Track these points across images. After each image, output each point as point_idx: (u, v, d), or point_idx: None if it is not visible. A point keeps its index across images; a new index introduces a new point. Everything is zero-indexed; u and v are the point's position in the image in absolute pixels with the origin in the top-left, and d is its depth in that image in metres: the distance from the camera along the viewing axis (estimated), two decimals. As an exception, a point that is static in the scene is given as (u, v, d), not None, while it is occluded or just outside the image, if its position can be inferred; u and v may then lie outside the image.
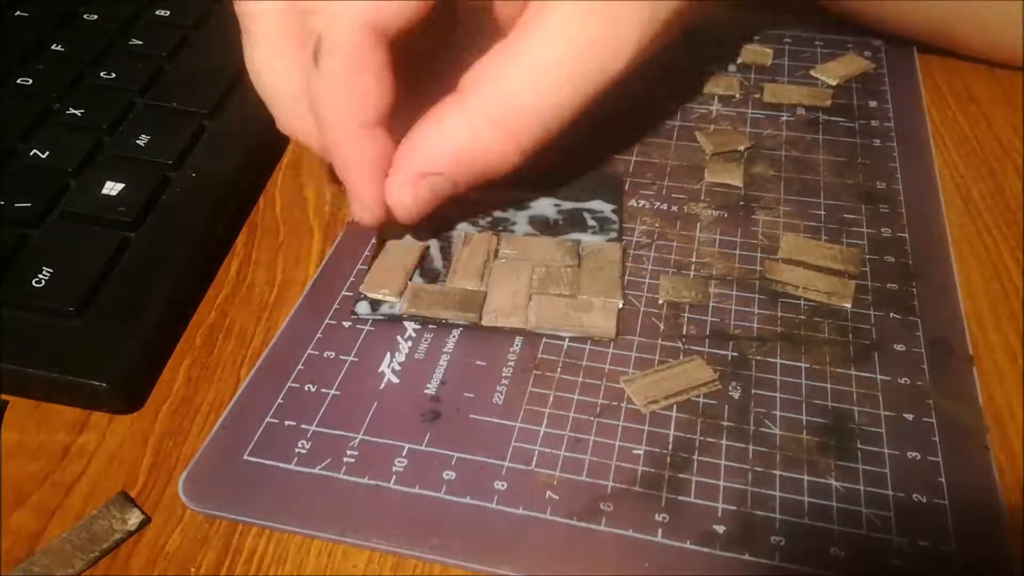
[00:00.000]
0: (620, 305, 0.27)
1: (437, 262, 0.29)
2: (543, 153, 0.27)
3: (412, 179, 0.26)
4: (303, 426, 0.24)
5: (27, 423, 0.25)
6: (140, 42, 0.36)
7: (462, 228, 0.30)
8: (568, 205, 0.31)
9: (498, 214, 0.30)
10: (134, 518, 0.22)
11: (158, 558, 0.22)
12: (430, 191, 0.26)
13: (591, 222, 0.30)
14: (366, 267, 0.29)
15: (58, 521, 0.23)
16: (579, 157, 0.32)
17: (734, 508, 0.22)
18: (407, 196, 0.26)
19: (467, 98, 0.25)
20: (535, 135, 0.26)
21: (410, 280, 0.28)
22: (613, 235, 0.30)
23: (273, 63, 0.26)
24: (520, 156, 0.26)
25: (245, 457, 0.23)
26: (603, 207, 0.31)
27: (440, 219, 0.29)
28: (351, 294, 0.28)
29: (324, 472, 0.23)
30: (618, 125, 0.34)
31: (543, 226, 0.30)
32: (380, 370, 0.26)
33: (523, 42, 0.25)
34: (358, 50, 0.24)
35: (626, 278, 0.28)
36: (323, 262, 0.29)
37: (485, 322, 0.27)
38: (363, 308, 0.27)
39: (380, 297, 0.27)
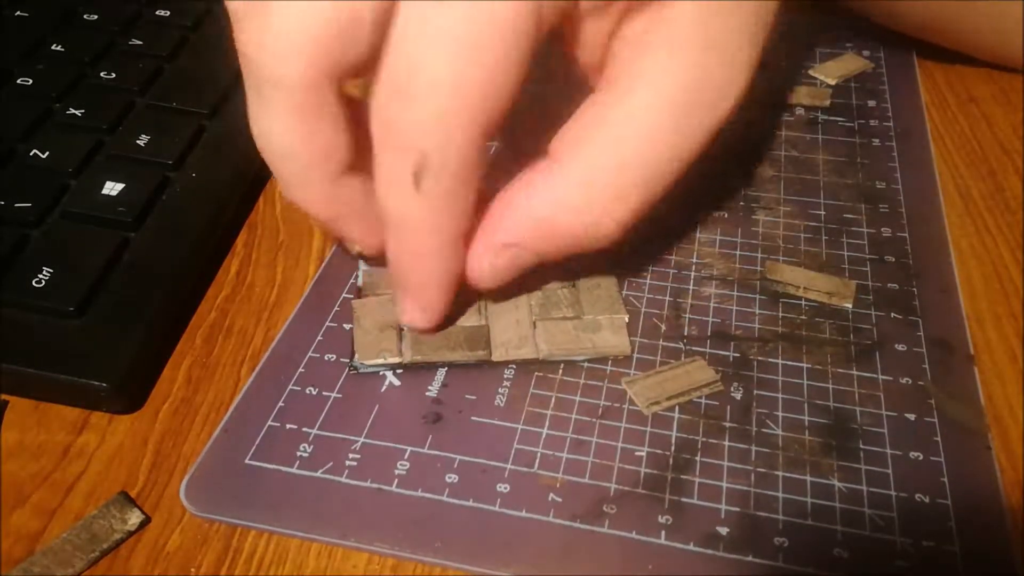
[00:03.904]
0: (626, 320, 0.26)
1: None
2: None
3: (494, 248, 0.23)
4: (305, 429, 0.24)
5: (27, 423, 0.25)
6: (140, 42, 0.36)
7: None
8: None
9: None
10: (134, 518, 0.22)
11: (158, 558, 0.22)
12: (511, 262, 0.24)
13: None
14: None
15: (58, 521, 0.23)
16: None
17: (737, 509, 0.22)
18: (485, 264, 0.24)
19: (556, 163, 0.23)
20: (633, 202, 0.23)
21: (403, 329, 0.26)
22: None
23: (293, 128, 0.21)
24: (617, 227, 0.23)
25: (247, 461, 0.23)
26: None
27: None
28: (351, 296, 0.28)
29: (326, 476, 0.23)
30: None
31: None
32: (381, 372, 0.26)
33: (617, 90, 0.22)
34: (467, 167, 0.21)
35: (625, 280, 0.28)
36: (323, 262, 0.29)
37: (496, 357, 0.26)
38: (363, 368, 0.26)
39: (381, 361, 0.26)
